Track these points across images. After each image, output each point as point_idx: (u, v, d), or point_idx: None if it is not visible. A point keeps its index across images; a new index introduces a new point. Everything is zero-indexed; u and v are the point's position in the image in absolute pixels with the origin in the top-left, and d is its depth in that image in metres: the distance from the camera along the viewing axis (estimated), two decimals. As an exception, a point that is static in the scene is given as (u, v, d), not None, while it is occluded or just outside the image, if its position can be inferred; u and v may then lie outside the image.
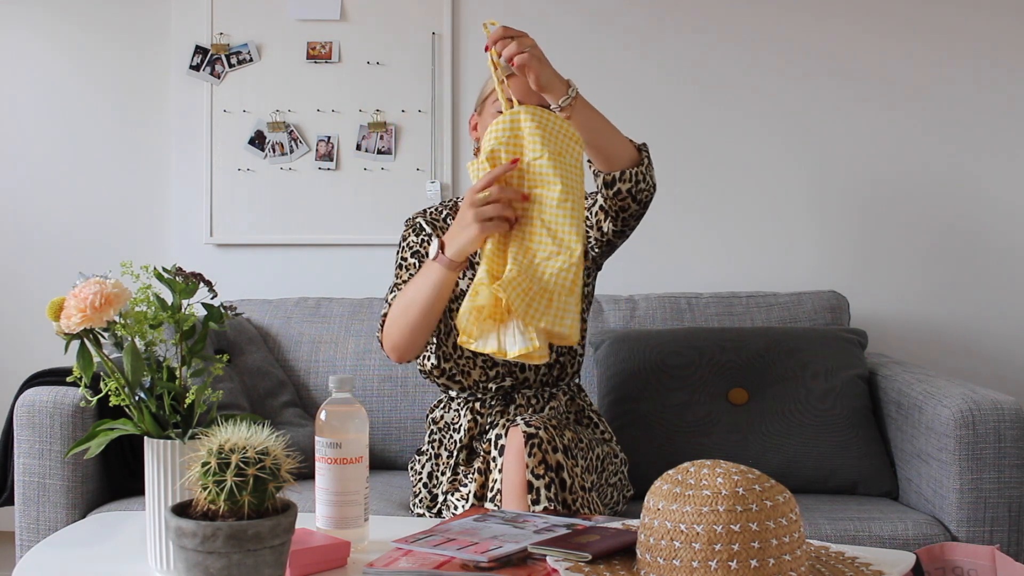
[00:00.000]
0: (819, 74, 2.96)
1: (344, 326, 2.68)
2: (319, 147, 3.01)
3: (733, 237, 2.99)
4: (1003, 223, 2.96)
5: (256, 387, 2.51)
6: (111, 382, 1.43)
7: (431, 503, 2.03)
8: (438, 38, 2.99)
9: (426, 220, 2.12)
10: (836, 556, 1.40)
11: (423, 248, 2.09)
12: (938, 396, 2.17)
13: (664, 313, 2.68)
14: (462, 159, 2.99)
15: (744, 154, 2.98)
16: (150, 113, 3.09)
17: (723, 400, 2.41)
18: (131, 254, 2.64)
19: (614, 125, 1.89)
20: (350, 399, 1.57)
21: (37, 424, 2.16)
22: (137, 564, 1.48)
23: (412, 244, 2.10)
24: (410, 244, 2.11)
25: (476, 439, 2.03)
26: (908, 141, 2.96)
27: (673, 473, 1.30)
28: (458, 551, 1.37)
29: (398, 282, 2.08)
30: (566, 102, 1.80)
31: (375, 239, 3.00)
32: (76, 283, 1.42)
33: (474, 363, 2.03)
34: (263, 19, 3.01)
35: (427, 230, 2.10)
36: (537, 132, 1.71)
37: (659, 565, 1.25)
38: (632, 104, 2.98)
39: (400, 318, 1.95)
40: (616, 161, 1.89)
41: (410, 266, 2.08)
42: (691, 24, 2.97)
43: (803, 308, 2.69)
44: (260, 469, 1.24)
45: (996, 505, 2.07)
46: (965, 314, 2.96)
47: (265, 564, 1.22)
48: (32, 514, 2.17)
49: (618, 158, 1.89)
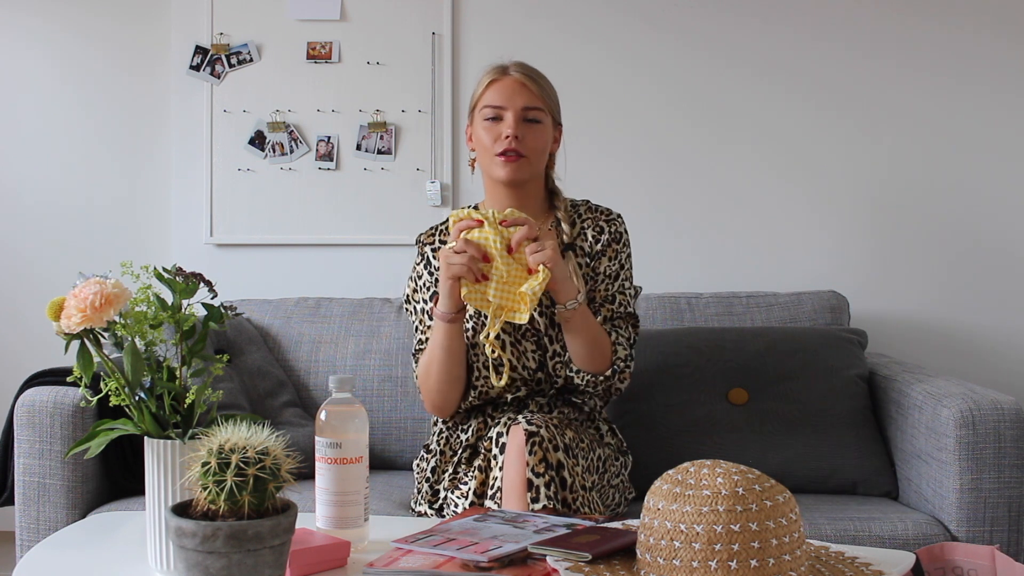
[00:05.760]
0: (819, 75, 2.96)
1: (344, 326, 2.68)
2: (319, 147, 3.01)
3: (733, 237, 2.99)
4: (1003, 223, 2.96)
5: (256, 387, 2.51)
6: (111, 382, 1.43)
7: (432, 498, 2.03)
8: (438, 38, 2.99)
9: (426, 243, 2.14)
10: (836, 556, 1.40)
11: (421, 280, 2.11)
12: (938, 396, 2.17)
13: (664, 313, 2.68)
14: (462, 159, 2.99)
15: (744, 154, 2.98)
16: (150, 113, 3.09)
17: (723, 400, 2.41)
18: (131, 254, 2.64)
19: (605, 339, 1.99)
20: (350, 399, 1.57)
21: (37, 424, 2.16)
22: (137, 564, 1.48)
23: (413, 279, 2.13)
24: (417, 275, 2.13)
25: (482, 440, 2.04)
26: (908, 142, 2.96)
27: (673, 473, 1.30)
28: (458, 551, 1.37)
29: (417, 328, 2.11)
30: (573, 306, 1.92)
31: (375, 239, 3.00)
32: (76, 283, 1.42)
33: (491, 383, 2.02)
34: (263, 19, 3.01)
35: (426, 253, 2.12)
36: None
37: (659, 565, 1.25)
38: (632, 104, 2.98)
39: (426, 378, 2.02)
40: (586, 365, 1.99)
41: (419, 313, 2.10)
42: (691, 27, 2.97)
43: (803, 308, 2.68)
44: (260, 469, 1.24)
45: (996, 505, 2.07)
46: (965, 314, 2.96)
47: (265, 564, 1.22)
48: (32, 514, 2.17)
49: (589, 364, 1.99)
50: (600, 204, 2.16)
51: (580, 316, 1.95)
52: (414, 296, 2.11)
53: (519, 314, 1.88)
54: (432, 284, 2.07)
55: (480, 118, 2.03)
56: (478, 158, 2.07)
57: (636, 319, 2.09)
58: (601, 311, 2.04)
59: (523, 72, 2.03)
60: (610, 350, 2.00)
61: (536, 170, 2.05)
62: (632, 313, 2.09)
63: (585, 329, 1.96)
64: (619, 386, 2.04)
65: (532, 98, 2.02)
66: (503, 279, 1.88)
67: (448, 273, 1.88)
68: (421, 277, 2.11)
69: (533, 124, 2.02)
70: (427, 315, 2.07)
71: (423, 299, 2.09)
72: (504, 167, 2.00)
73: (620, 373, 2.02)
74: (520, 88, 2.02)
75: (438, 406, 2.03)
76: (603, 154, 2.96)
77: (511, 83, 2.02)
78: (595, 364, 1.99)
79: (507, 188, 2.04)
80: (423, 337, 2.07)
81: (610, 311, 2.05)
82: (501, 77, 2.04)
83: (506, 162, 1.99)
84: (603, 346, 1.99)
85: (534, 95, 2.02)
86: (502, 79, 2.03)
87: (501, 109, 2.01)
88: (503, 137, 1.99)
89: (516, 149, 1.99)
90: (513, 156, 1.99)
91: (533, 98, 2.02)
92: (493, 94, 2.02)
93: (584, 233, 2.10)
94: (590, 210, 2.14)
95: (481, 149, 2.04)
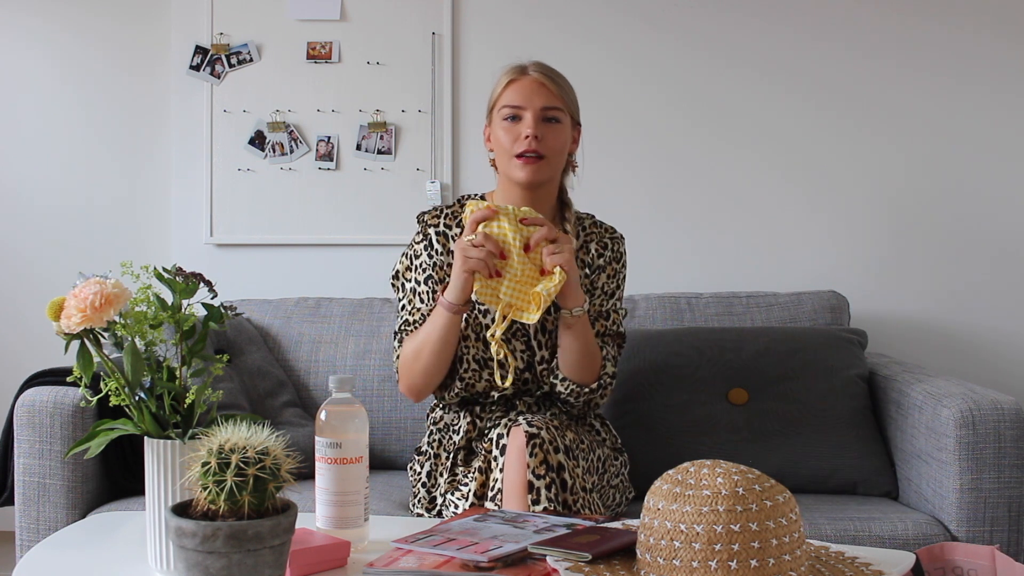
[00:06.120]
0: (819, 75, 2.96)
1: (344, 326, 2.68)
2: (319, 147, 3.01)
3: (733, 237, 2.99)
4: (1003, 223, 2.96)
5: (256, 387, 2.51)
6: (111, 382, 1.43)
7: (430, 504, 2.03)
8: (438, 38, 2.99)
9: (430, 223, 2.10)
10: (836, 556, 1.40)
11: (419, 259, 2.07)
12: (938, 396, 2.17)
13: (664, 313, 2.68)
14: (462, 159, 2.99)
15: (744, 154, 2.98)
16: (150, 113, 3.09)
17: (723, 400, 2.41)
18: (131, 254, 2.64)
19: (597, 351, 2.01)
20: (350, 399, 1.57)
21: (37, 424, 2.16)
22: (137, 564, 1.48)
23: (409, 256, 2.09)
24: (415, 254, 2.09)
25: (475, 440, 2.03)
26: (908, 142, 2.96)
27: (673, 473, 1.30)
28: (458, 551, 1.37)
29: (404, 308, 2.07)
30: (579, 312, 1.93)
31: (375, 239, 3.00)
32: (76, 283, 1.42)
33: (479, 376, 2.02)
34: (263, 19, 3.01)
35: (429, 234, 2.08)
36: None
37: (659, 565, 1.25)
38: (632, 104, 2.98)
39: (413, 362, 1.99)
40: (574, 374, 2.00)
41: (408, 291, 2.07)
42: (691, 27, 2.97)
43: (803, 308, 2.68)
44: (260, 469, 1.24)
45: (996, 505, 2.07)
46: (965, 314, 2.96)
47: (265, 564, 1.22)
48: (32, 514, 2.17)
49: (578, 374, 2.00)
50: (604, 221, 2.16)
51: (581, 324, 1.95)
52: (406, 273, 2.09)
53: (528, 314, 1.87)
54: (430, 267, 2.05)
55: (499, 118, 2.02)
56: (496, 159, 2.06)
57: (624, 339, 2.11)
58: (595, 325, 2.05)
59: (542, 72, 2.03)
60: (599, 364, 2.01)
61: (555, 171, 2.04)
62: (622, 333, 2.10)
63: (582, 338, 1.96)
64: (599, 400, 2.05)
65: (551, 98, 2.01)
66: (516, 277, 1.87)
67: (465, 266, 1.86)
68: (419, 256, 2.07)
69: (552, 124, 2.00)
70: (418, 297, 2.05)
71: (416, 279, 2.06)
72: (523, 169, 1.99)
73: (604, 388, 2.03)
74: (539, 88, 2.01)
75: (417, 389, 2.02)
76: (603, 154, 2.95)
77: (530, 83, 2.01)
78: (583, 375, 2.00)
79: (524, 190, 2.03)
80: (410, 318, 2.05)
81: (603, 327, 2.06)
82: (520, 77, 2.02)
83: (525, 164, 1.98)
84: (594, 358, 2.00)
85: (553, 95, 2.01)
86: (521, 79, 2.02)
87: (520, 109, 2.00)
88: (523, 137, 1.98)
89: (536, 150, 1.98)
90: (533, 158, 1.98)
91: (552, 98, 2.01)
92: (512, 94, 2.01)
93: (587, 246, 2.10)
94: (595, 225, 2.14)
95: (500, 149, 2.03)
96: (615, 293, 2.11)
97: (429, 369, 1.97)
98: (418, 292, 2.05)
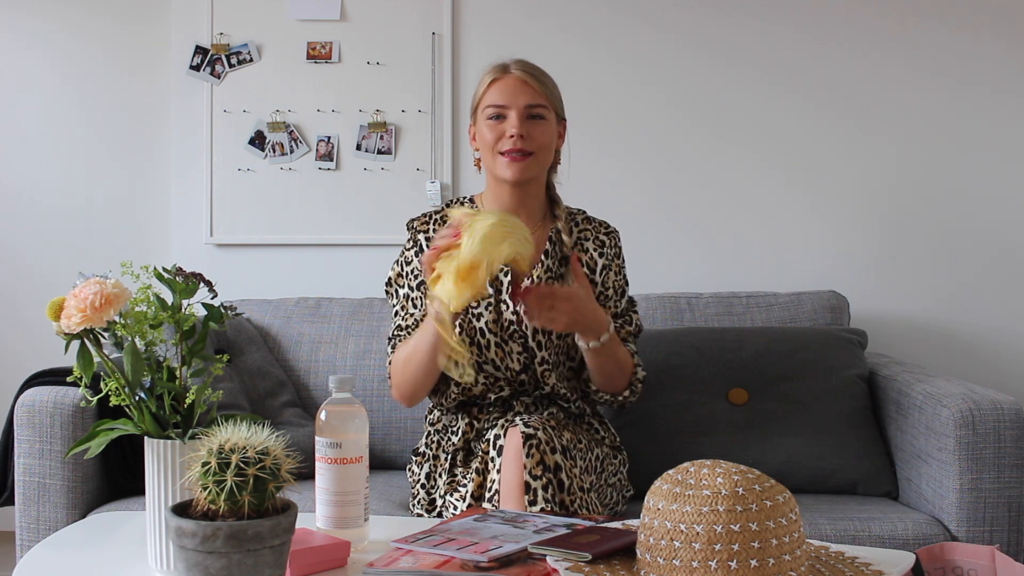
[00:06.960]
0: (819, 75, 2.96)
1: (344, 326, 2.68)
2: (319, 147, 3.01)
3: (733, 237, 2.99)
4: (1003, 223, 2.96)
5: (256, 387, 2.51)
6: (111, 382, 1.43)
7: (429, 506, 2.03)
8: (438, 38, 2.99)
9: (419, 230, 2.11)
10: (836, 556, 1.40)
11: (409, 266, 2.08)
12: (938, 396, 2.17)
13: (664, 313, 2.68)
14: (462, 159, 2.99)
15: (744, 154, 2.98)
16: (150, 113, 3.09)
17: (723, 400, 2.41)
18: (131, 254, 2.64)
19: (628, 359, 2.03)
20: (350, 399, 1.57)
21: (37, 424, 2.16)
22: (137, 564, 1.48)
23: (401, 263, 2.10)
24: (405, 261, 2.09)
25: (473, 441, 2.03)
26: (908, 142, 2.96)
27: (673, 473, 1.30)
28: (458, 551, 1.37)
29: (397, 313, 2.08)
30: (595, 345, 1.94)
31: (375, 239, 3.00)
32: (76, 283, 1.42)
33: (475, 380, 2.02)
34: (263, 19, 3.01)
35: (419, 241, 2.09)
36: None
37: (659, 565, 1.25)
38: (632, 104, 2.98)
39: (404, 368, 1.99)
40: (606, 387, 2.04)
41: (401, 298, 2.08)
42: (691, 27, 2.97)
43: (803, 308, 2.68)
44: (260, 469, 1.24)
45: (996, 505, 2.07)
46: (965, 314, 2.96)
47: (265, 564, 1.22)
48: (32, 514, 2.17)
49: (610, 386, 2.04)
50: (595, 216, 2.16)
51: (606, 347, 1.95)
52: (398, 280, 2.10)
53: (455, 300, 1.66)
54: (421, 273, 2.04)
55: (483, 117, 2.03)
56: (482, 158, 2.06)
57: (640, 331, 2.13)
58: (620, 332, 2.06)
59: (524, 70, 2.03)
60: (631, 369, 2.03)
61: (542, 167, 2.05)
62: (639, 326, 2.12)
63: (610, 357, 1.97)
64: (632, 400, 2.07)
65: (535, 95, 2.01)
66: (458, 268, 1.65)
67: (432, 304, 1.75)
68: (410, 263, 2.08)
69: (537, 121, 2.01)
70: (411, 303, 2.05)
71: (407, 285, 2.07)
72: (510, 167, 1.99)
73: (635, 390, 2.06)
74: (522, 86, 2.01)
75: (407, 395, 2.02)
76: (603, 154, 2.96)
77: (513, 81, 2.02)
78: (616, 384, 2.03)
79: (511, 188, 2.04)
80: (403, 323, 2.06)
81: (627, 332, 2.08)
82: (502, 76, 2.03)
83: (512, 162, 1.99)
84: (625, 367, 2.02)
85: (536, 92, 2.02)
86: (503, 78, 2.03)
87: (504, 108, 2.00)
88: (507, 136, 1.99)
89: (522, 148, 1.98)
90: (519, 156, 1.99)
91: (536, 95, 2.01)
92: (495, 93, 2.02)
93: (583, 244, 2.10)
94: (587, 220, 2.14)
95: (485, 148, 2.04)
96: (624, 291, 2.12)
97: (419, 376, 1.97)
98: (411, 298, 2.06)
